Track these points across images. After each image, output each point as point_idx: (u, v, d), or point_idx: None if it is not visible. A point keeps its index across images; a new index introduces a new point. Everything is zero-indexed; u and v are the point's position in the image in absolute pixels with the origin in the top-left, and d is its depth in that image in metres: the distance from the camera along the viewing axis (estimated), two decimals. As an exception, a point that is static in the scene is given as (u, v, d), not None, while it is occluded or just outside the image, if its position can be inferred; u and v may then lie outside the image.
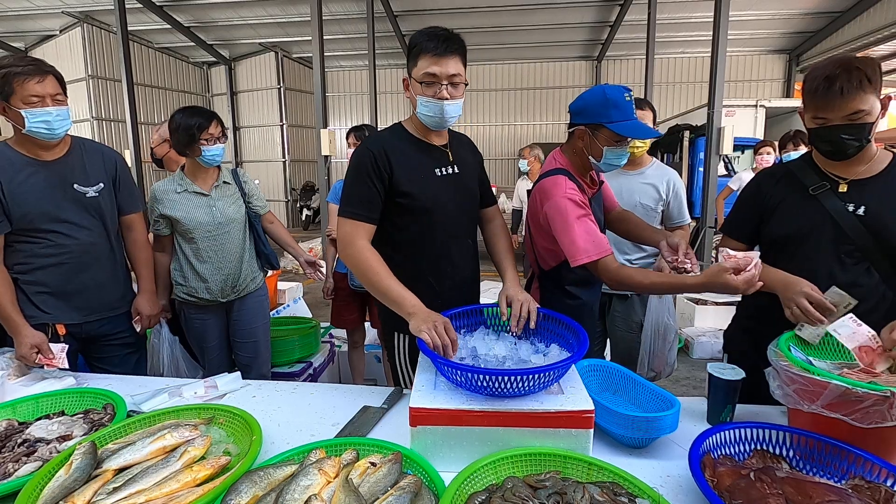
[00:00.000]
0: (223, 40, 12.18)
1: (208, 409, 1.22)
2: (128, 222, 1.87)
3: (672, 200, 2.31)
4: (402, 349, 1.57)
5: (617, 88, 1.46)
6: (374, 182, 1.41)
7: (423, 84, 1.38)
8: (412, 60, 1.41)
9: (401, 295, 1.31)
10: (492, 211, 1.73)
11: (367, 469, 0.96)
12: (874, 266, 1.31)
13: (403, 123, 1.53)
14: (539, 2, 9.75)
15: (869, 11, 9.57)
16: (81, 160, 1.71)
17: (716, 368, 1.23)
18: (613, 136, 1.46)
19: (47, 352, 1.58)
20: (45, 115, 1.54)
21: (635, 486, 0.92)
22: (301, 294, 4.78)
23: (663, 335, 2.15)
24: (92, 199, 1.71)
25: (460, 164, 1.55)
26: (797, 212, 1.40)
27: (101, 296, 1.78)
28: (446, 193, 1.49)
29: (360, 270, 1.37)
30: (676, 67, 12.69)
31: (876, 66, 1.22)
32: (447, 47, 1.35)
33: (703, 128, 6.71)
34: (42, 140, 1.59)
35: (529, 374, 1.04)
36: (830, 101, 1.23)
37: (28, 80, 1.50)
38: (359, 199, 1.42)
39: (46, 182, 1.62)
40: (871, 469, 0.94)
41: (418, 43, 1.37)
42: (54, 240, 1.65)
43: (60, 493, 0.92)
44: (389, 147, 1.44)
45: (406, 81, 1.45)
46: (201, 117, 2.00)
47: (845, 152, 1.29)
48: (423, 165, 1.47)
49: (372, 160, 1.41)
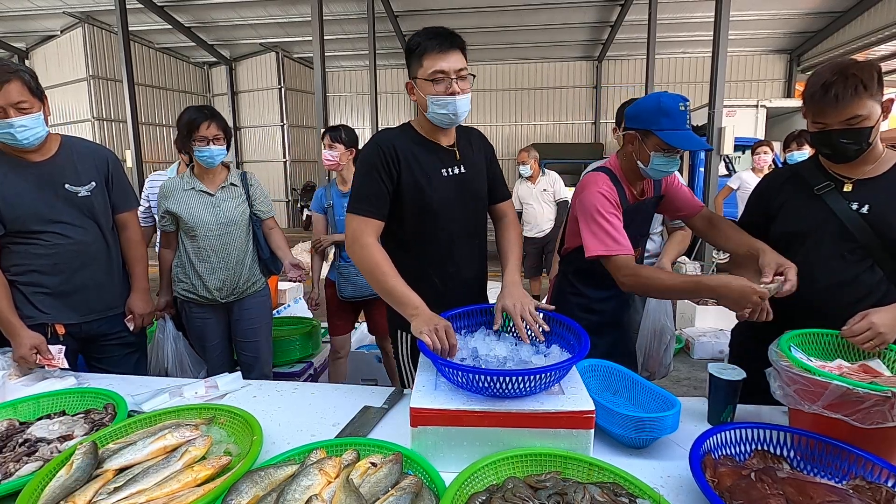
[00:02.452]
0: (224, 40, 12.19)
1: (209, 410, 1.22)
2: (122, 221, 1.85)
3: None
4: (406, 348, 1.57)
5: (673, 97, 1.44)
6: (383, 178, 1.41)
7: (433, 82, 1.36)
8: (415, 62, 1.39)
9: (405, 295, 1.31)
10: (503, 207, 1.68)
11: (367, 469, 0.96)
12: (878, 264, 1.32)
13: (414, 124, 1.52)
14: (540, 2, 9.75)
15: (870, 11, 9.57)
16: (71, 160, 1.70)
17: (716, 369, 1.23)
18: (661, 144, 1.44)
19: (46, 352, 1.57)
20: (6, 128, 1.50)
21: (636, 487, 0.92)
22: (302, 294, 4.78)
23: (659, 336, 2.15)
24: (84, 199, 1.69)
25: (467, 164, 1.54)
26: (801, 211, 1.42)
27: (98, 295, 1.77)
28: (452, 194, 1.49)
29: (367, 268, 1.37)
30: (677, 67, 12.70)
31: (874, 70, 1.23)
32: (451, 43, 1.36)
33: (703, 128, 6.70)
34: (18, 147, 1.57)
35: (530, 374, 1.04)
36: (827, 107, 1.25)
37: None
38: (367, 195, 1.41)
39: (37, 183, 1.62)
40: (871, 469, 0.94)
41: (419, 43, 1.37)
42: (49, 240, 1.64)
43: (61, 493, 0.92)
44: (399, 144, 1.43)
45: (410, 85, 1.44)
46: (196, 114, 2.00)
47: (845, 155, 1.30)
48: (429, 165, 1.46)
49: (381, 156, 1.40)
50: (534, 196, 5.02)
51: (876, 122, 1.25)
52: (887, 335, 1.16)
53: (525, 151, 4.99)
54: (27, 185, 1.60)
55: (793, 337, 1.20)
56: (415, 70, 1.41)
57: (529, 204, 5.05)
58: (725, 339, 3.99)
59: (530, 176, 5.02)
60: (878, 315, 1.17)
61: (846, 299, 1.33)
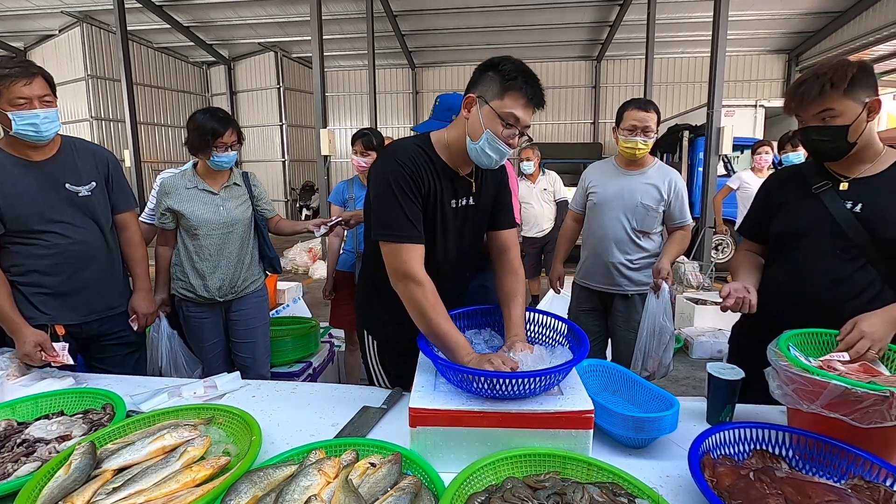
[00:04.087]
0: (222, 40, 12.17)
1: (208, 410, 1.22)
2: (121, 221, 1.86)
3: (673, 201, 2.30)
4: (372, 350, 1.57)
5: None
6: (415, 197, 1.29)
7: (502, 121, 1.22)
8: (501, 89, 1.22)
9: (458, 342, 1.20)
10: (506, 237, 1.49)
11: (366, 469, 0.96)
12: (870, 263, 1.33)
13: (435, 143, 1.36)
14: (539, 2, 9.75)
15: (868, 11, 9.57)
16: (72, 160, 1.71)
17: (715, 368, 1.23)
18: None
19: (50, 349, 1.57)
20: (32, 118, 1.53)
21: (635, 487, 0.92)
22: (301, 294, 4.77)
23: (658, 336, 2.15)
24: (84, 199, 1.70)
25: (478, 195, 1.43)
26: (798, 210, 1.43)
27: (99, 295, 1.77)
28: (455, 224, 1.40)
29: (420, 310, 1.24)
30: (676, 67, 12.70)
31: (849, 70, 1.25)
32: (540, 101, 1.25)
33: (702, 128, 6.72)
34: (31, 141, 1.58)
35: (530, 377, 1.04)
36: (795, 103, 1.34)
37: (15, 82, 1.50)
38: (405, 219, 1.26)
39: (38, 183, 1.62)
40: (870, 469, 0.94)
41: (516, 77, 1.21)
42: (49, 240, 1.64)
43: (59, 493, 0.92)
44: (421, 165, 1.30)
45: (472, 100, 1.26)
46: (218, 124, 2.01)
47: (821, 151, 1.35)
48: (443, 195, 1.34)
49: (409, 174, 1.27)
50: (534, 196, 5.02)
51: (854, 120, 1.27)
52: (881, 340, 1.16)
53: (529, 149, 4.99)
54: (28, 184, 1.61)
55: (791, 336, 1.20)
56: (493, 94, 1.23)
57: (529, 203, 5.05)
58: (724, 339, 4.00)
59: (530, 175, 5.02)
60: (866, 323, 1.17)
61: (841, 297, 1.34)
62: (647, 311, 2.17)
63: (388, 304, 1.36)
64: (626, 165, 2.35)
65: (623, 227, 2.32)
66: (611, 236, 2.33)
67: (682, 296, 4.73)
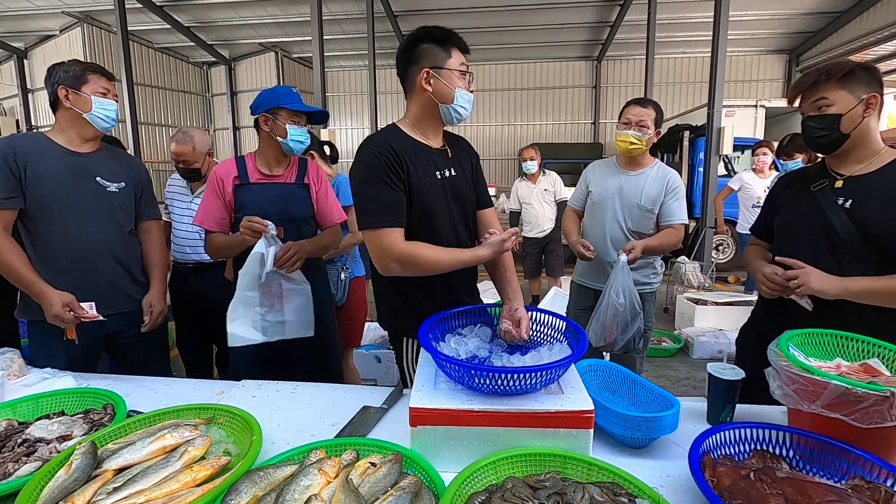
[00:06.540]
0: (223, 40, 12.17)
1: (208, 409, 1.22)
2: (146, 227, 1.95)
3: (670, 200, 2.27)
4: (412, 354, 1.55)
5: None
6: (395, 182, 1.33)
7: (462, 75, 1.37)
8: (443, 51, 1.35)
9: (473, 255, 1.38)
10: (487, 215, 1.61)
11: (367, 469, 0.96)
12: (858, 258, 1.35)
13: (399, 125, 1.46)
14: (539, 2, 9.75)
15: (869, 11, 9.57)
16: (109, 159, 1.82)
17: (716, 368, 1.23)
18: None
19: (79, 307, 1.62)
20: (109, 105, 1.75)
21: (635, 487, 0.92)
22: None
23: (612, 309, 2.12)
24: (112, 194, 1.79)
25: (458, 167, 1.51)
26: (796, 206, 1.50)
27: (113, 292, 1.80)
28: (446, 196, 1.45)
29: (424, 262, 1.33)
30: (676, 67, 12.70)
31: (846, 64, 1.32)
32: (466, 45, 1.41)
33: (702, 128, 6.71)
34: (90, 130, 1.74)
35: (531, 371, 1.04)
36: (795, 92, 1.43)
37: (101, 76, 1.75)
38: (385, 205, 1.31)
39: (70, 169, 1.71)
40: (871, 469, 0.94)
41: (449, 36, 1.36)
42: (67, 232, 1.68)
43: (60, 493, 0.92)
44: (396, 146, 1.36)
45: (428, 73, 1.35)
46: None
47: (815, 140, 1.40)
48: (425, 167, 1.41)
49: (387, 161, 1.32)
50: (534, 196, 5.02)
51: (847, 111, 1.31)
52: (812, 287, 1.32)
53: (532, 149, 4.99)
54: (60, 169, 1.70)
55: (792, 336, 1.20)
56: (441, 59, 1.35)
57: (530, 204, 5.05)
58: (724, 339, 4.00)
59: (531, 175, 5.02)
60: (818, 273, 1.33)
61: None
62: (607, 284, 2.16)
63: (412, 298, 1.41)
64: (625, 165, 2.35)
65: (620, 227, 2.32)
66: (608, 236, 2.33)
67: (682, 296, 4.73)
